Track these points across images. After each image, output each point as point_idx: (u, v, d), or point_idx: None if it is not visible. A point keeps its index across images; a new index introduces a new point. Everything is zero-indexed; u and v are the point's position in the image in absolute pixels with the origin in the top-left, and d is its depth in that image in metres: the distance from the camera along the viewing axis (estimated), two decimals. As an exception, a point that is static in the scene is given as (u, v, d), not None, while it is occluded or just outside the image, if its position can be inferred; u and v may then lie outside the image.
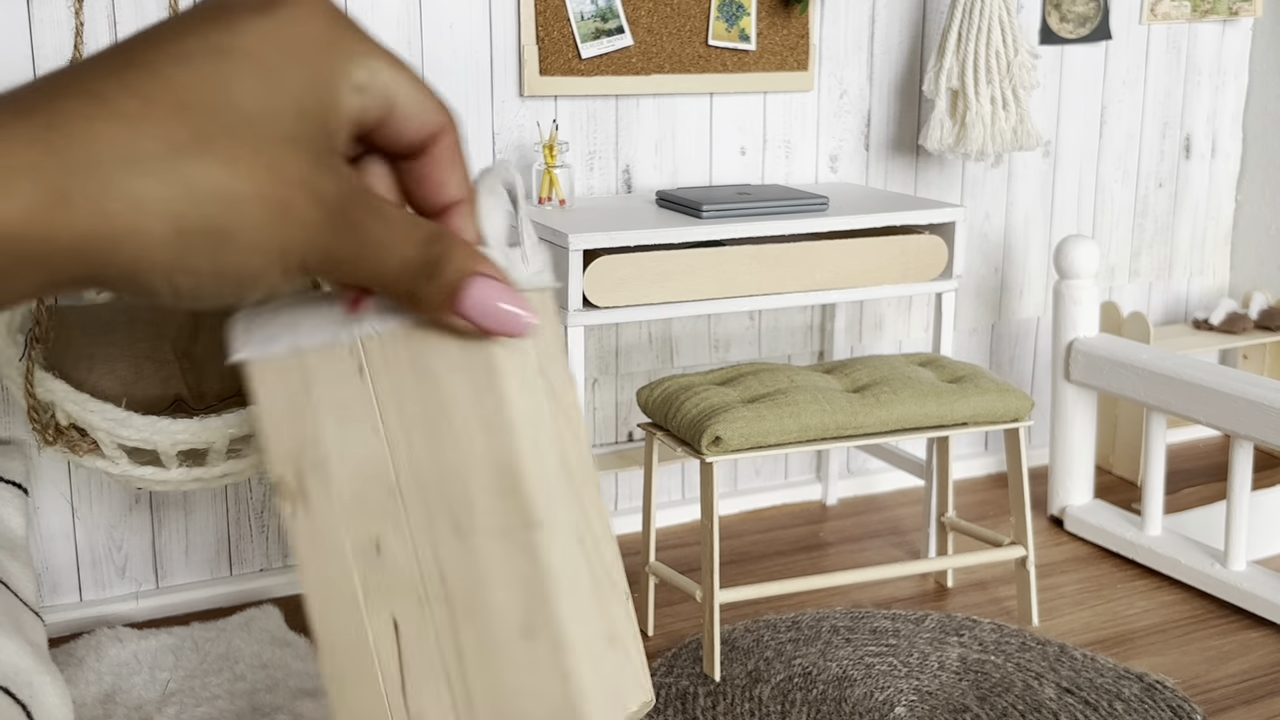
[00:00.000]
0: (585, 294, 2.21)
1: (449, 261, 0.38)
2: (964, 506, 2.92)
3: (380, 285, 0.39)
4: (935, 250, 2.46)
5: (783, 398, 2.15)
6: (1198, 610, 2.46)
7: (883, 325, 2.98)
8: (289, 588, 2.52)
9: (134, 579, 2.43)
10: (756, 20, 2.68)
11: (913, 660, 2.23)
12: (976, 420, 2.26)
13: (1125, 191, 3.20)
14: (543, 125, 2.53)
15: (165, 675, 2.12)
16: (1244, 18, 3.23)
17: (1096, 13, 3.05)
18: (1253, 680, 2.21)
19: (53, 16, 2.19)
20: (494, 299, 0.39)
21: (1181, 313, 3.34)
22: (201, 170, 0.33)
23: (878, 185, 2.90)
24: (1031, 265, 3.11)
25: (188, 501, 2.44)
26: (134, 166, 0.32)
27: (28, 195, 0.31)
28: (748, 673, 2.20)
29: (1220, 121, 3.28)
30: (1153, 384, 2.55)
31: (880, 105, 2.88)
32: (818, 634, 2.32)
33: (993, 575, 2.58)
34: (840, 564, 2.65)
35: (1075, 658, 2.24)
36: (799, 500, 2.98)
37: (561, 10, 2.52)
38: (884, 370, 2.29)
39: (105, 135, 0.32)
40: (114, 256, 0.33)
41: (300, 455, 0.42)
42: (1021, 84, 2.70)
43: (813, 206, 2.42)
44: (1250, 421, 2.38)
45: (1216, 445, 3.30)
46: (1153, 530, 2.65)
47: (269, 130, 0.35)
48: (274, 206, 0.34)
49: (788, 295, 2.37)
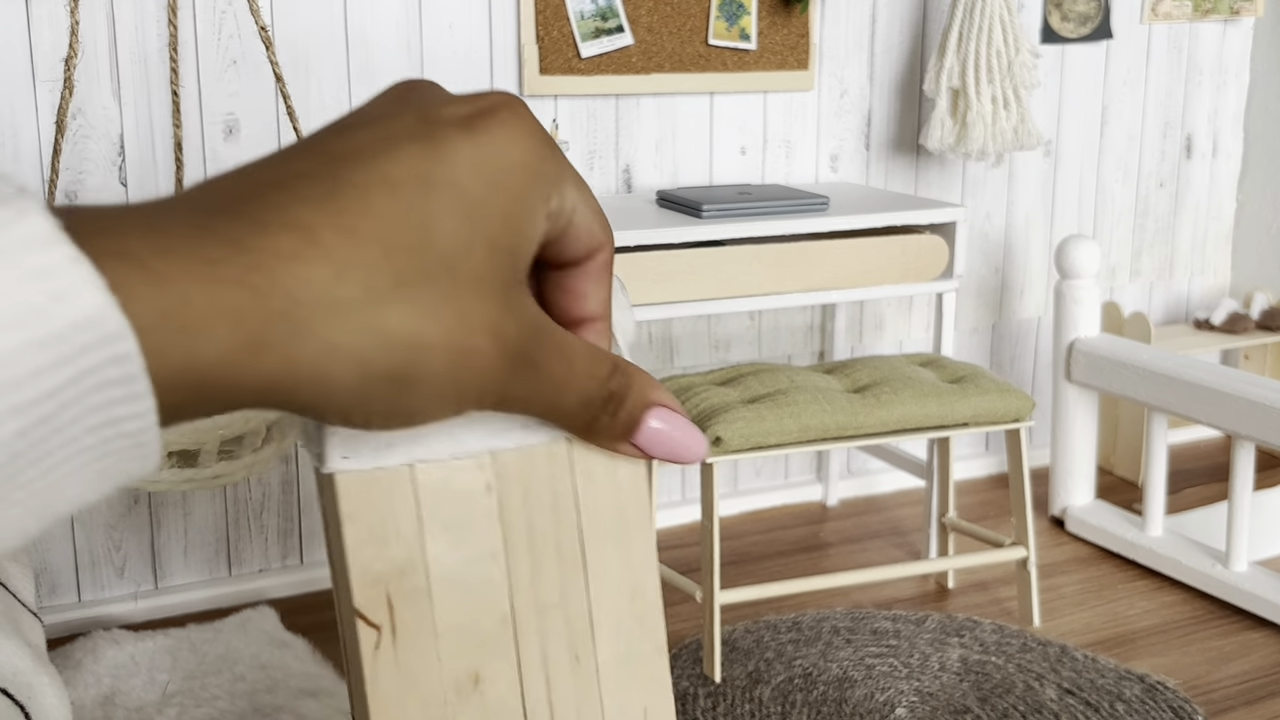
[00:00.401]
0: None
1: (630, 395, 0.38)
2: (965, 507, 2.92)
3: (556, 420, 0.37)
4: (936, 250, 2.46)
5: (783, 398, 2.15)
6: (1199, 611, 2.45)
7: (883, 325, 2.97)
8: (286, 588, 2.52)
9: (133, 579, 2.43)
10: (757, 19, 2.68)
11: (914, 661, 2.23)
12: (977, 420, 2.25)
13: (1126, 191, 3.19)
14: (542, 125, 2.53)
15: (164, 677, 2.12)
16: (1245, 17, 3.23)
17: (1097, 12, 3.05)
18: (1254, 681, 2.21)
19: (51, 15, 2.19)
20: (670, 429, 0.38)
21: (1183, 313, 3.34)
22: (396, 318, 0.32)
23: (878, 185, 2.89)
24: (1032, 265, 3.11)
25: (186, 502, 2.44)
26: (333, 313, 0.31)
27: (226, 342, 0.30)
28: (748, 674, 2.19)
29: (1221, 121, 3.28)
30: (1154, 384, 2.55)
31: (881, 105, 2.87)
32: (818, 635, 2.32)
33: (994, 576, 2.57)
34: (841, 565, 2.65)
35: (1076, 658, 2.23)
36: (799, 501, 2.98)
37: (561, 9, 2.52)
38: (884, 370, 2.28)
39: (309, 279, 0.31)
40: (294, 396, 0.32)
41: (395, 581, 0.37)
42: (1022, 83, 2.69)
43: (813, 206, 2.42)
44: (1251, 422, 2.37)
45: (1218, 446, 3.30)
46: (1154, 531, 2.64)
47: (463, 271, 0.33)
48: (458, 354, 0.33)
49: (788, 295, 2.36)
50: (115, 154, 2.27)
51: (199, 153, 2.33)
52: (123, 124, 2.27)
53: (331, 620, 2.41)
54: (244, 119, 2.35)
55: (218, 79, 2.32)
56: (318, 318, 0.31)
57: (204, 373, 0.30)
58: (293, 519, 2.53)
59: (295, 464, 2.50)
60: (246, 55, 2.33)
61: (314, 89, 2.39)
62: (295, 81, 2.35)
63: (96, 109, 2.24)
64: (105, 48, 2.23)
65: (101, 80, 2.24)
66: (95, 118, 2.25)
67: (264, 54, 2.31)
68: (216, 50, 2.31)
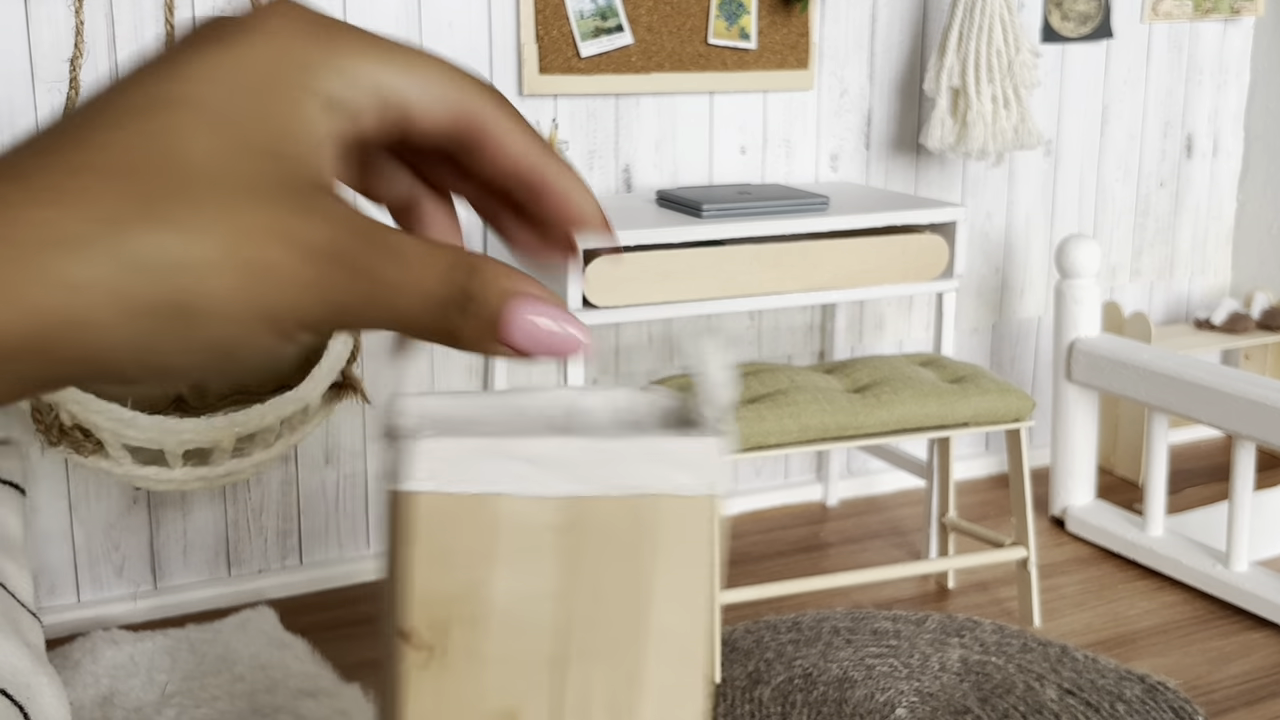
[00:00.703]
0: (585, 294, 2.21)
1: (482, 287, 0.34)
2: (965, 507, 2.91)
3: (408, 330, 0.34)
4: (936, 250, 2.46)
5: (783, 398, 2.15)
6: (1199, 611, 2.45)
7: (883, 325, 2.97)
8: (286, 589, 2.51)
9: (132, 579, 2.42)
10: (757, 18, 2.67)
11: (914, 661, 2.22)
12: (978, 420, 2.25)
13: (1127, 191, 3.19)
14: (542, 124, 2.52)
15: (163, 677, 2.11)
16: (1246, 16, 3.22)
17: (1098, 11, 3.05)
18: (1255, 681, 2.20)
19: (50, 15, 2.18)
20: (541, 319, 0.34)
21: (1183, 312, 3.33)
22: (149, 242, 0.29)
23: (878, 184, 2.89)
24: (1033, 265, 3.10)
25: (185, 502, 2.43)
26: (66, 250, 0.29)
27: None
28: (748, 674, 2.19)
29: (1222, 120, 3.27)
30: (1154, 384, 2.55)
31: (881, 104, 2.87)
32: (818, 635, 2.32)
33: (994, 576, 2.57)
34: (841, 565, 2.64)
35: (1077, 659, 2.23)
36: (800, 501, 2.98)
37: (561, 9, 2.51)
38: (885, 370, 2.28)
39: (27, 221, 0.29)
40: (67, 350, 0.29)
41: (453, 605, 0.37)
42: (1023, 83, 2.69)
43: (813, 206, 2.41)
44: (1252, 422, 2.37)
45: (1218, 445, 3.29)
46: (1154, 531, 2.64)
47: (226, 183, 0.31)
48: (248, 269, 0.30)
49: (788, 295, 2.36)
50: (114, 153, 2.27)
51: (198, 152, 2.33)
52: (122, 123, 2.27)
53: (330, 621, 2.40)
54: (243, 118, 2.35)
55: (217, 78, 2.32)
56: (52, 258, 0.29)
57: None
58: (292, 519, 2.52)
59: (295, 464, 2.50)
60: (246, 54, 2.33)
61: (313, 88, 2.39)
62: (294, 81, 2.35)
63: (95, 108, 2.24)
64: (104, 47, 2.23)
65: (101, 80, 2.24)
66: (94, 117, 2.24)
67: (263, 53, 2.31)
68: (216, 49, 2.31)
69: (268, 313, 0.31)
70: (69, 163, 0.30)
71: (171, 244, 0.30)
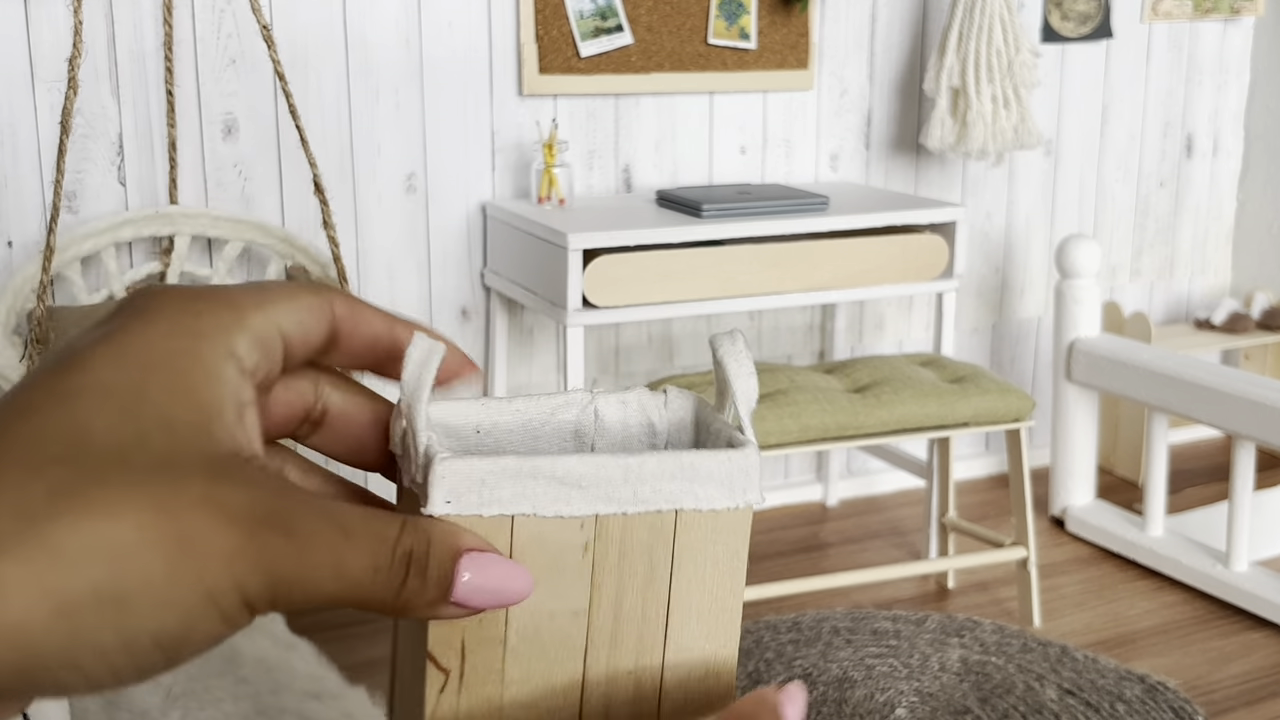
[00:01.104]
0: (585, 294, 2.21)
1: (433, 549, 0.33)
2: (965, 507, 2.92)
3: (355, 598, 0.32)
4: (936, 250, 2.46)
5: (783, 398, 2.15)
6: (1199, 611, 2.45)
7: (883, 325, 2.97)
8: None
9: (132, 580, 2.42)
10: (757, 18, 2.67)
11: (914, 661, 2.23)
12: (978, 420, 2.25)
13: (1127, 191, 3.19)
14: (542, 124, 2.52)
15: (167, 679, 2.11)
16: (1246, 16, 3.22)
17: (1098, 11, 3.05)
18: (1255, 681, 2.20)
19: (50, 15, 2.18)
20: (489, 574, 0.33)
21: (1183, 312, 3.33)
22: (66, 531, 0.28)
23: (878, 184, 2.89)
24: (1033, 265, 3.10)
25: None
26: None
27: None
28: (748, 674, 2.19)
29: (1222, 120, 3.27)
30: (1154, 384, 2.55)
31: (881, 104, 2.87)
32: (818, 635, 2.32)
33: (994, 576, 2.57)
34: (841, 565, 2.64)
35: (1077, 659, 2.23)
36: (800, 501, 2.98)
37: (560, 8, 2.51)
38: (885, 370, 2.28)
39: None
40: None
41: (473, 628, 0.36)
42: (1023, 82, 2.69)
43: (813, 206, 2.41)
44: (1252, 421, 2.37)
45: (1218, 445, 3.29)
46: (1154, 531, 2.64)
47: (140, 460, 0.30)
48: (174, 543, 0.29)
49: (788, 295, 2.36)
50: (114, 154, 2.27)
51: (198, 153, 2.33)
52: (121, 124, 2.27)
53: (338, 621, 2.40)
54: (242, 118, 2.35)
55: (216, 78, 2.32)
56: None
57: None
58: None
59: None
60: (245, 54, 2.33)
61: (313, 88, 2.39)
62: (295, 80, 2.35)
63: (95, 108, 2.24)
64: (104, 47, 2.23)
65: (100, 80, 2.24)
66: (94, 117, 2.24)
67: (263, 53, 2.31)
68: (215, 49, 2.31)
69: (204, 589, 0.30)
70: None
71: (91, 529, 0.29)
